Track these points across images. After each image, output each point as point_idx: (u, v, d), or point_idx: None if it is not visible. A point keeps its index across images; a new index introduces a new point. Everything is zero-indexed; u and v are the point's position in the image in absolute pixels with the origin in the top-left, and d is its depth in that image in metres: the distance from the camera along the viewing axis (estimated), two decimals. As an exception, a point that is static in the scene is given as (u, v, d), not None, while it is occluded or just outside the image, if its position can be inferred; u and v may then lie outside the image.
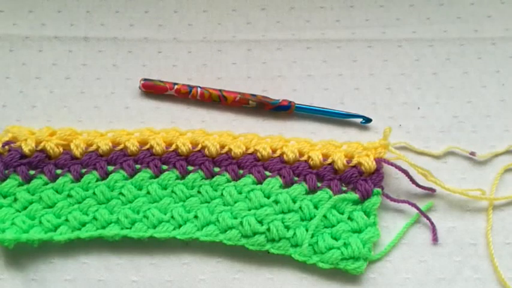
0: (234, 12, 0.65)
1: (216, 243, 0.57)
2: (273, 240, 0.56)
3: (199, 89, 0.62)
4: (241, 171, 0.59)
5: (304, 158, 0.59)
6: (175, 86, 0.62)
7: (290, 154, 0.59)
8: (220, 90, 0.62)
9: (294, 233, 0.56)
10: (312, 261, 0.56)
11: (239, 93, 0.62)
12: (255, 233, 0.56)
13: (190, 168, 0.59)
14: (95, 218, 0.57)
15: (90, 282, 0.57)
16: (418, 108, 0.63)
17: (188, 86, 0.62)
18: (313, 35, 0.65)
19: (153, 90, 0.62)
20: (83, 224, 0.56)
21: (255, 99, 0.62)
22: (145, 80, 0.62)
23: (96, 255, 0.57)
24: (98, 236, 0.56)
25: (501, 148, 0.62)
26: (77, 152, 0.58)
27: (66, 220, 0.56)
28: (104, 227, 0.56)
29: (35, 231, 0.56)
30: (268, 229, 0.56)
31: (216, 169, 0.59)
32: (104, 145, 0.58)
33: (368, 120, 0.62)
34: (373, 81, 0.64)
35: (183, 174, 0.58)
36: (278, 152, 0.59)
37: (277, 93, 0.63)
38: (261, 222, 0.56)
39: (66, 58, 0.64)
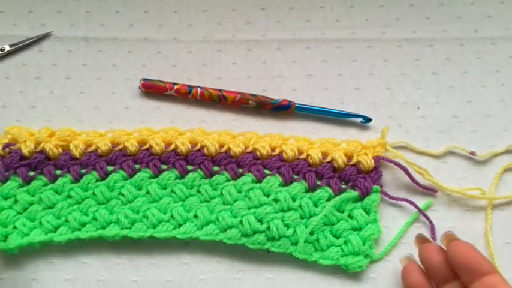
0: (233, 12, 0.65)
1: (216, 243, 0.57)
2: (273, 239, 0.56)
3: (199, 89, 0.62)
4: (240, 170, 0.59)
5: (303, 156, 0.59)
6: (175, 86, 0.62)
7: (289, 152, 0.58)
8: (220, 90, 0.62)
9: (294, 231, 0.56)
10: (313, 259, 0.56)
11: (239, 93, 0.62)
12: (255, 232, 0.56)
13: (189, 167, 0.59)
14: (94, 219, 0.57)
15: (90, 282, 0.56)
16: (418, 108, 0.63)
17: (188, 86, 0.62)
18: (313, 34, 0.65)
19: (153, 90, 0.62)
20: (83, 225, 0.56)
21: (255, 99, 0.62)
22: (145, 80, 0.62)
23: (96, 255, 0.57)
24: (98, 236, 0.56)
25: (501, 148, 0.62)
26: (76, 153, 0.58)
27: (66, 221, 0.56)
28: (103, 227, 0.56)
29: (36, 234, 0.55)
30: (268, 227, 0.56)
31: (216, 168, 0.59)
32: (103, 145, 0.58)
33: (368, 119, 0.62)
34: (373, 81, 0.64)
35: (183, 174, 0.58)
36: (277, 151, 0.59)
37: (277, 93, 0.63)
38: (260, 220, 0.56)
39: (66, 58, 0.64)
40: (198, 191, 0.58)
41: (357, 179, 0.58)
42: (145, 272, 0.57)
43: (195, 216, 0.57)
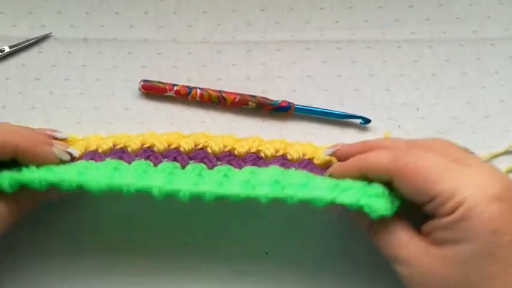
0: (233, 13, 0.65)
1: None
2: None
3: (198, 90, 0.62)
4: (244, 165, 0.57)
5: (308, 156, 0.58)
6: (175, 87, 0.62)
7: (294, 154, 0.57)
8: (219, 91, 0.62)
9: None
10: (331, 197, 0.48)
11: (239, 94, 0.62)
12: None
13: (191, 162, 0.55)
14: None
15: (90, 282, 0.57)
16: (417, 109, 0.63)
17: (188, 87, 0.62)
18: (313, 35, 0.65)
19: (153, 91, 0.62)
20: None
21: (255, 100, 0.62)
22: (145, 81, 0.62)
23: (96, 255, 0.57)
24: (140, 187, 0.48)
25: (500, 149, 0.62)
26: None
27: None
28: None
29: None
30: None
31: (219, 163, 0.56)
32: (105, 145, 0.58)
33: (367, 120, 0.62)
34: (373, 82, 0.64)
35: (184, 165, 0.55)
36: (281, 152, 0.57)
37: (276, 94, 0.63)
38: None
39: (65, 59, 0.64)
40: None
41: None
42: (146, 272, 0.57)
43: None
